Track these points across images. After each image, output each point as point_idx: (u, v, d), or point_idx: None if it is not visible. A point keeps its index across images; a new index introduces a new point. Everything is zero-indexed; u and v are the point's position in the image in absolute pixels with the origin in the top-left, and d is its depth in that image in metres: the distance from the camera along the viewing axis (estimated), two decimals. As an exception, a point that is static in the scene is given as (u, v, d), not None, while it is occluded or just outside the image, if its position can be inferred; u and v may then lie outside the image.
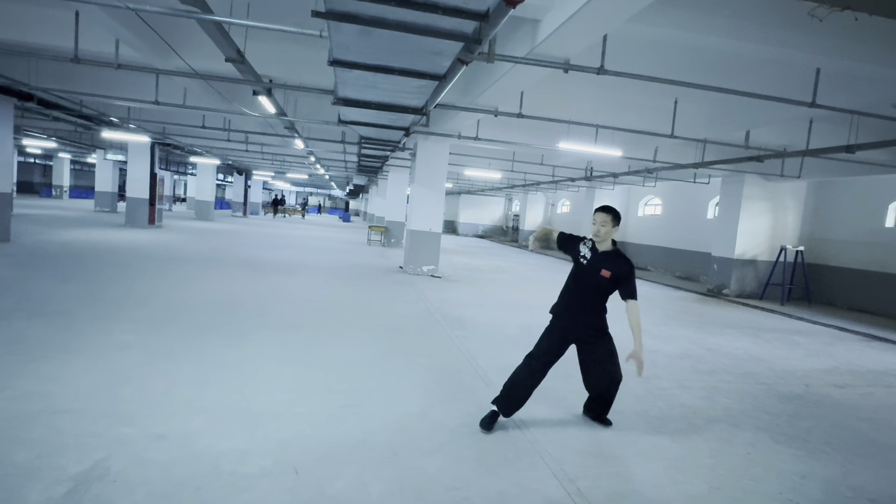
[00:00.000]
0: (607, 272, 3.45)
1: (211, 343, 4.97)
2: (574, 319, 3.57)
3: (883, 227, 11.82)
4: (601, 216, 3.51)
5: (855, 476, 3.36)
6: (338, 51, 5.17)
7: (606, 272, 3.45)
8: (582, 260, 3.55)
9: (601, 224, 3.49)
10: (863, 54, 5.44)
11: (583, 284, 3.55)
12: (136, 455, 2.78)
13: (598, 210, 3.55)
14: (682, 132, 8.73)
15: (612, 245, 3.55)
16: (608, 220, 3.48)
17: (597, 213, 3.55)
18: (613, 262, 3.48)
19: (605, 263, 3.47)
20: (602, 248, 3.54)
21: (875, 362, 6.91)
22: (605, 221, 3.48)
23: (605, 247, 3.53)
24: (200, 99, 10.39)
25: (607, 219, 3.48)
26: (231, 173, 33.61)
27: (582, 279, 3.55)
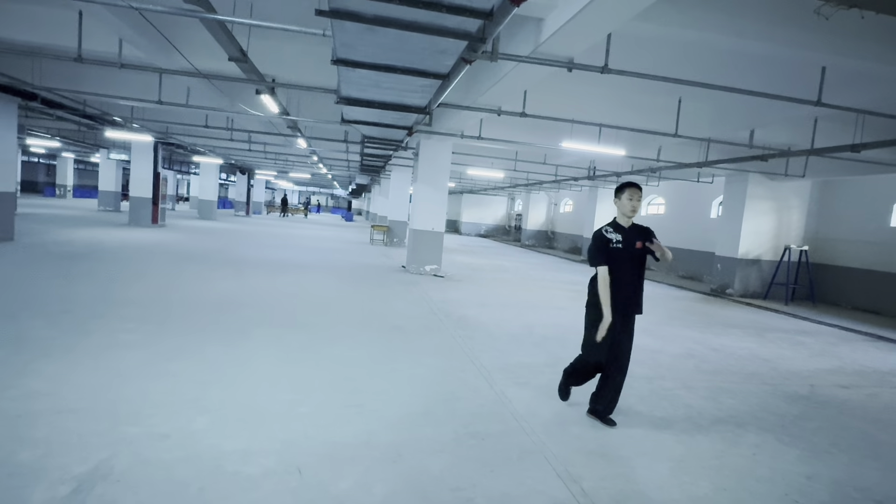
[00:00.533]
0: (640, 244, 3.61)
1: (214, 342, 4.97)
2: (627, 300, 3.63)
3: (888, 226, 11.75)
4: (637, 192, 3.64)
5: (861, 477, 3.34)
6: (341, 50, 5.15)
7: (639, 244, 3.61)
8: (617, 246, 3.60)
9: (638, 199, 3.63)
10: (869, 53, 5.40)
11: (626, 266, 3.61)
12: (139, 455, 2.77)
13: (631, 186, 3.63)
14: (686, 131, 8.69)
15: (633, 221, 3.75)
16: (641, 195, 3.66)
17: (631, 189, 3.62)
18: (640, 233, 3.67)
19: (635, 237, 3.63)
20: (627, 224, 3.68)
21: (881, 362, 6.87)
22: (640, 197, 3.64)
23: (628, 223, 3.68)
24: (203, 98, 10.40)
25: (641, 194, 3.66)
26: (234, 172, 33.67)
27: (624, 261, 3.61)
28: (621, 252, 3.58)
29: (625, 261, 3.60)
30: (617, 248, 3.58)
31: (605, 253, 3.60)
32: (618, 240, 3.60)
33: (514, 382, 4.57)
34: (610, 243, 3.60)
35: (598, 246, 3.63)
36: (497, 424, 3.63)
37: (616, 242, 3.59)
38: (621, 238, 3.60)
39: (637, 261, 3.64)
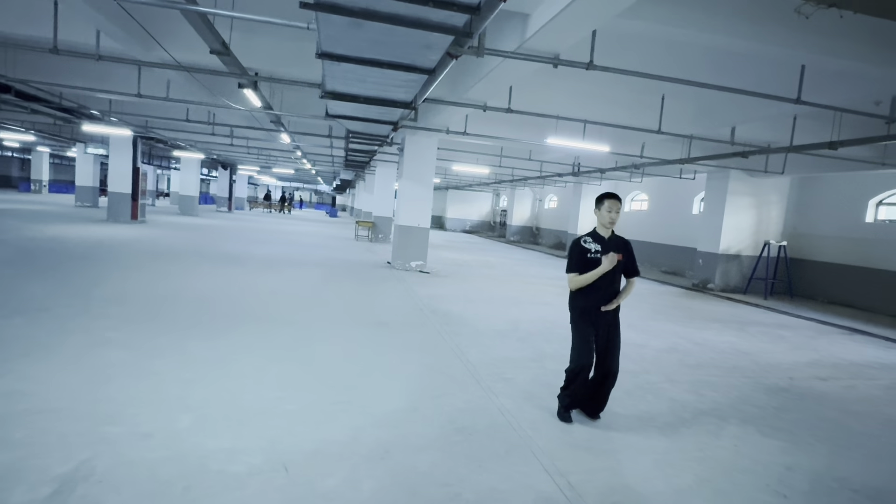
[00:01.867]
0: (619, 255, 3.61)
1: (197, 340, 4.90)
2: (596, 315, 3.64)
3: (863, 222, 12.04)
4: (616, 203, 3.65)
5: (839, 467, 3.42)
6: (326, 43, 5.10)
7: (618, 255, 3.60)
8: (595, 255, 3.61)
9: (616, 211, 3.64)
10: (847, 52, 5.51)
11: (602, 276, 3.60)
12: (122, 454, 2.73)
13: (611, 197, 3.64)
14: (669, 128, 8.79)
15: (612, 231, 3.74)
16: (620, 207, 3.66)
17: (610, 200, 3.63)
18: (621, 245, 3.68)
19: (614, 248, 3.64)
20: (606, 234, 3.68)
21: (857, 355, 7.05)
22: (619, 209, 3.65)
23: (608, 233, 3.69)
24: (184, 92, 10.22)
25: (620, 206, 3.66)
26: (216, 168, 33.21)
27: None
28: (599, 261, 3.59)
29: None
30: (595, 257, 3.60)
31: (582, 263, 3.63)
32: (596, 249, 3.62)
33: (500, 378, 4.58)
34: (587, 253, 3.62)
35: (573, 255, 3.67)
36: (484, 420, 3.65)
37: (594, 252, 3.61)
38: (600, 248, 3.62)
39: (614, 270, 3.63)
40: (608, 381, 3.73)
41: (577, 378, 3.65)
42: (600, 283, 3.61)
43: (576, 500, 2.69)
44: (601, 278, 3.59)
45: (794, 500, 2.94)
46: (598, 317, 3.64)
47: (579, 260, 3.64)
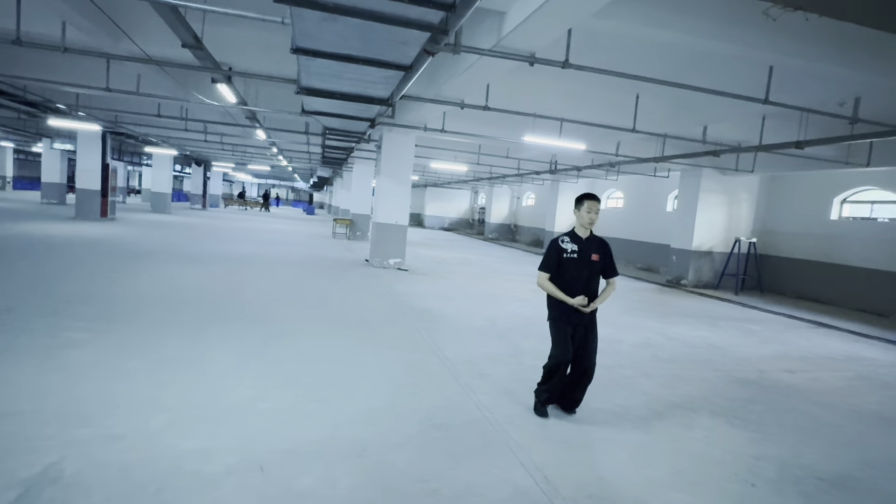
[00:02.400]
0: (596, 256, 3.67)
1: (170, 340, 4.80)
2: (573, 315, 3.67)
3: (828, 219, 12.44)
4: (595, 204, 3.68)
5: (805, 456, 3.54)
6: (301, 38, 5.04)
7: (596, 256, 3.67)
8: (573, 255, 3.65)
9: (595, 212, 3.67)
10: (813, 54, 5.68)
11: (579, 276, 3.65)
12: (92, 457, 2.66)
13: (590, 198, 3.67)
14: (644, 127, 8.93)
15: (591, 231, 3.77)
16: (599, 208, 3.70)
17: (590, 200, 3.67)
18: (598, 245, 3.72)
19: (592, 249, 3.69)
20: (585, 235, 3.71)
21: (822, 348, 7.29)
22: (598, 209, 3.69)
23: (586, 233, 3.72)
24: (155, 86, 9.97)
25: (599, 206, 3.70)
26: (189, 164, 32.51)
27: (578, 271, 3.66)
28: (575, 262, 3.64)
29: (578, 269, 3.66)
30: (571, 257, 3.64)
31: (556, 262, 3.67)
32: (573, 250, 3.66)
33: (478, 374, 4.61)
34: (564, 253, 3.66)
35: (549, 254, 3.71)
36: (462, 415, 3.67)
37: (571, 252, 3.66)
38: (577, 248, 3.66)
39: (591, 271, 3.68)
40: (585, 378, 3.78)
41: (555, 374, 3.69)
42: (577, 284, 3.64)
43: (551, 494, 2.73)
44: (578, 280, 3.64)
45: (762, 488, 3.03)
46: (576, 316, 3.68)
47: (555, 259, 3.68)
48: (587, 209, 3.66)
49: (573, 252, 3.66)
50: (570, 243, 3.70)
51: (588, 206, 3.66)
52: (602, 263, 3.71)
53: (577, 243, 3.69)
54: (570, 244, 3.69)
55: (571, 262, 3.65)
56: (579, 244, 3.68)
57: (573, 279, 3.65)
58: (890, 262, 10.88)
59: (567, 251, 3.67)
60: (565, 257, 3.66)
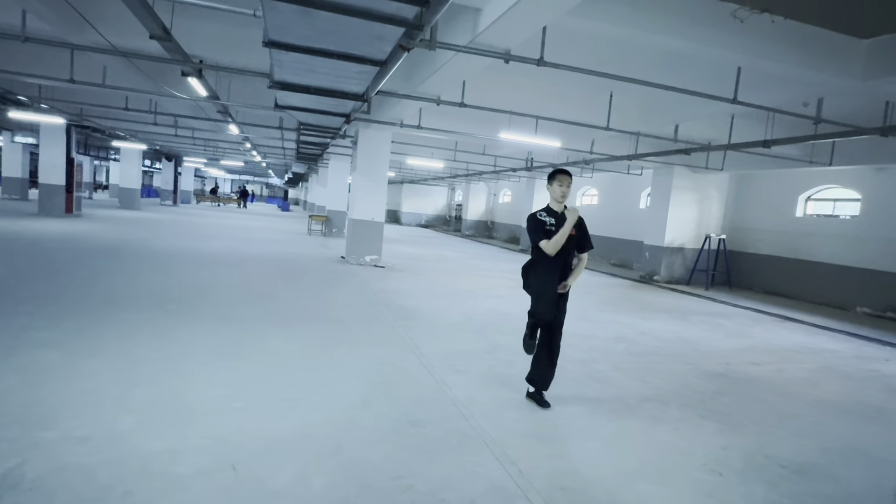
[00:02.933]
0: (574, 230, 3.75)
1: (139, 339, 4.69)
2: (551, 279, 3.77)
3: (794, 216, 12.84)
4: (566, 178, 3.77)
5: (769, 445, 3.66)
6: (273, 31, 4.95)
7: (573, 230, 3.74)
8: (551, 228, 3.74)
9: (567, 185, 3.76)
10: (778, 55, 5.84)
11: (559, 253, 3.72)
12: (55, 460, 2.58)
13: (561, 173, 3.77)
14: (617, 125, 9.05)
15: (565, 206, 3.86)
16: (571, 182, 3.78)
17: (561, 175, 3.76)
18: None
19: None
20: (559, 209, 3.80)
21: (786, 341, 7.53)
22: (570, 183, 3.77)
23: (560, 207, 3.81)
24: (123, 78, 9.67)
25: (570, 181, 3.78)
26: (159, 159, 31.70)
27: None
28: (554, 234, 3.72)
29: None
30: (550, 230, 3.73)
31: (545, 231, 3.74)
32: (551, 223, 3.76)
33: (453, 370, 4.62)
34: (545, 225, 3.75)
35: (536, 226, 3.78)
36: (437, 412, 3.68)
37: (550, 225, 3.75)
38: (554, 222, 3.76)
39: (568, 244, 3.78)
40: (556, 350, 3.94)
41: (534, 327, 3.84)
42: (556, 257, 3.72)
43: (525, 487, 2.76)
44: (559, 256, 3.72)
45: (729, 477, 3.12)
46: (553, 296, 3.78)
47: (541, 229, 3.75)
48: (559, 183, 3.75)
49: (551, 225, 3.74)
50: (547, 217, 3.79)
51: (559, 180, 3.75)
52: (577, 237, 3.81)
53: (554, 217, 3.78)
54: (548, 217, 3.78)
55: (551, 235, 3.72)
56: (556, 217, 3.77)
57: (545, 257, 3.74)
58: (851, 258, 11.30)
59: (547, 223, 3.75)
60: (547, 228, 3.74)
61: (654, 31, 5.40)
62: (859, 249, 11.16)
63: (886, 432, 4.18)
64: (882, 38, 5.83)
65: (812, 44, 5.82)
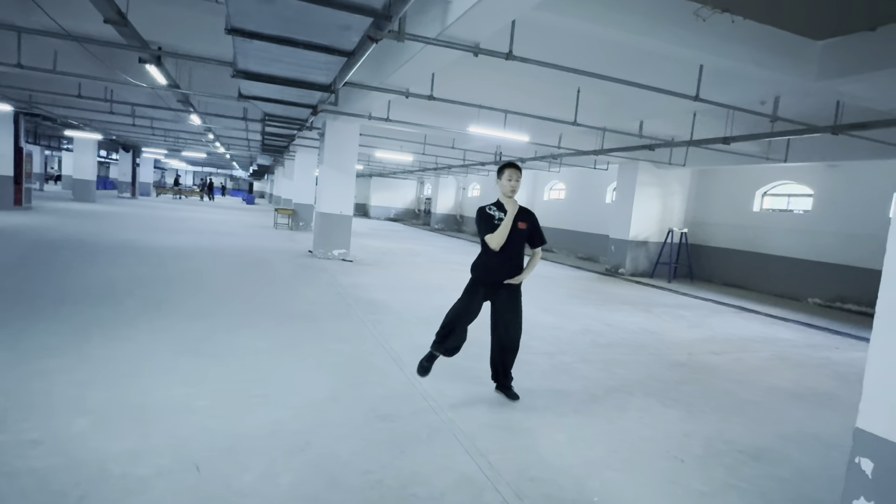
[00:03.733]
0: (523, 224, 3.73)
1: (96, 337, 4.50)
2: (499, 273, 3.73)
3: (751, 211, 13.33)
4: (516, 173, 3.73)
5: (728, 432, 3.79)
6: (237, 18, 4.81)
7: (522, 224, 3.73)
8: (500, 223, 3.69)
9: (517, 180, 3.72)
10: (738, 54, 6.01)
11: (506, 243, 3.69)
12: (4, 465, 2.45)
13: (510, 167, 3.74)
14: (584, 120, 9.18)
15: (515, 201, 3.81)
16: (520, 176, 3.75)
17: (510, 169, 3.73)
18: (525, 215, 3.78)
19: (518, 217, 3.74)
20: (510, 204, 3.74)
21: (744, 331, 7.82)
22: (518, 177, 3.74)
23: (511, 203, 3.75)
24: (76, 64, 9.25)
25: (520, 175, 3.75)
26: (116, 150, 30.49)
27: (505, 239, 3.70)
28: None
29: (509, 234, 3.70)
30: (498, 224, 3.69)
31: (492, 226, 3.70)
32: (500, 217, 3.72)
33: (423, 364, 4.61)
34: (493, 219, 3.72)
35: (483, 219, 3.75)
36: (407, 406, 3.66)
37: (498, 220, 3.71)
38: (503, 216, 3.71)
39: (517, 238, 3.74)
40: (509, 355, 3.91)
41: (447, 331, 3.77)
42: (504, 252, 3.69)
43: (495, 478, 2.79)
44: (505, 249, 3.68)
45: (690, 463, 3.22)
46: (499, 289, 3.75)
47: (489, 223, 3.71)
48: (507, 177, 3.72)
49: (500, 220, 3.70)
50: (496, 211, 3.75)
51: (508, 174, 3.72)
52: (528, 232, 3.79)
53: (503, 212, 3.74)
54: (497, 212, 3.74)
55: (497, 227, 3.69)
56: (505, 212, 3.73)
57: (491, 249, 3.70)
58: (804, 251, 11.81)
59: (495, 217, 3.71)
60: (495, 223, 3.70)
61: (620, 27, 5.48)
62: (811, 243, 11.68)
63: (836, 417, 4.39)
64: (834, 40, 6.08)
65: (769, 44, 6.02)
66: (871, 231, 10.46)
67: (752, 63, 6.10)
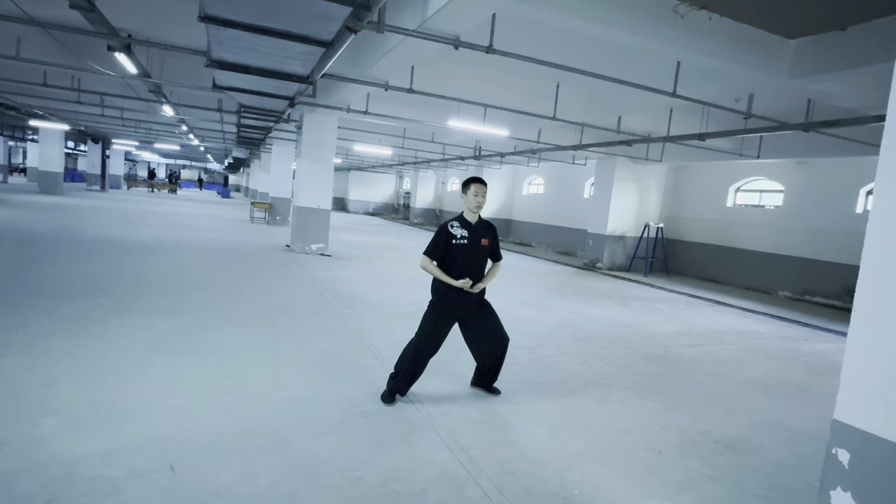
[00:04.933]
0: (485, 240, 3.63)
1: (64, 334, 4.35)
2: (462, 297, 3.60)
3: (725, 206, 13.61)
4: (482, 188, 3.60)
5: (703, 422, 3.87)
6: (210, 5, 4.67)
7: (485, 241, 3.63)
8: (462, 241, 3.55)
9: (483, 195, 3.61)
10: (714, 52, 6.09)
11: (467, 260, 3.57)
12: (-35, 469, 2.35)
13: (477, 182, 3.60)
14: (563, 115, 9.22)
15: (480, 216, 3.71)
16: (486, 191, 3.62)
17: (476, 184, 3.59)
18: (486, 230, 3.70)
19: (481, 233, 3.64)
20: (473, 219, 3.64)
21: (718, 324, 7.99)
22: (485, 192, 3.61)
23: (475, 217, 3.65)
24: (41, 51, 8.89)
25: (486, 189, 3.62)
26: (84, 141, 29.54)
27: (466, 256, 3.57)
28: (465, 247, 3.55)
29: (468, 255, 3.57)
30: (461, 243, 3.55)
31: (442, 247, 3.55)
32: (462, 235, 3.56)
33: (403, 359, 4.58)
34: (453, 239, 3.55)
35: (437, 239, 3.57)
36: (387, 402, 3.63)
37: (461, 238, 3.56)
38: (467, 234, 3.58)
39: (480, 255, 3.64)
40: (503, 352, 3.85)
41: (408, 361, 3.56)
42: (468, 269, 3.56)
43: (476, 473, 2.78)
44: (469, 264, 3.57)
45: (667, 454, 3.27)
46: (462, 300, 3.59)
47: (441, 245, 3.55)
48: (474, 192, 3.57)
49: (463, 238, 3.56)
50: (459, 229, 3.58)
51: (475, 189, 3.57)
52: (490, 247, 3.70)
53: (467, 228, 3.59)
54: (460, 230, 3.58)
55: (460, 248, 3.55)
56: (469, 229, 3.59)
57: (464, 264, 3.56)
58: (775, 245, 12.12)
59: (457, 237, 3.55)
60: (454, 243, 3.55)
61: (600, 23, 5.49)
62: (782, 237, 11.98)
63: (806, 407, 4.51)
64: (807, 39, 6.20)
65: (744, 42, 6.11)
66: (837, 226, 10.78)
67: (727, 60, 6.18)
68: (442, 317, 3.63)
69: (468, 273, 3.57)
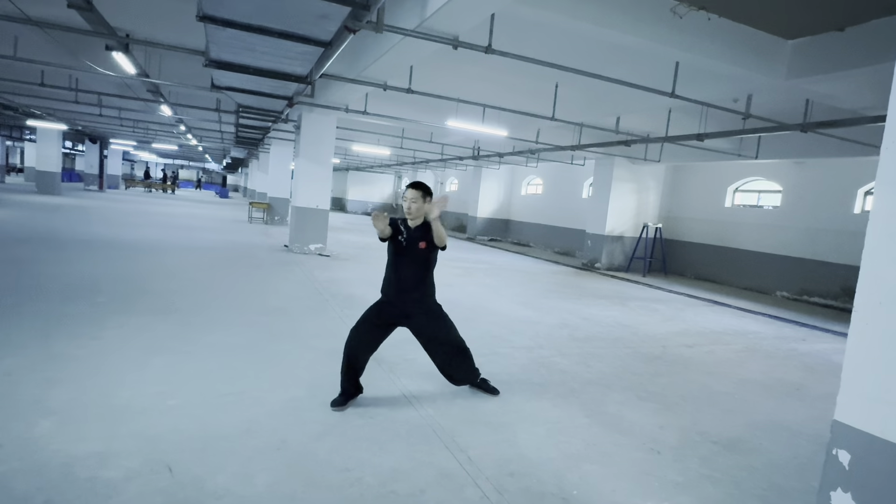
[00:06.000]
0: (423, 243, 3.54)
1: (62, 334, 4.34)
2: (400, 297, 3.60)
3: (723, 206, 13.62)
4: (411, 193, 3.52)
5: (702, 423, 3.87)
6: (209, 5, 4.66)
7: (423, 243, 3.54)
8: (401, 241, 3.55)
9: (412, 201, 3.51)
10: (713, 52, 6.09)
11: (405, 262, 3.57)
12: (-39, 470, 2.34)
13: (409, 187, 3.56)
14: (562, 115, 9.22)
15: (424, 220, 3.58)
16: (418, 197, 3.51)
17: (407, 189, 3.56)
18: (427, 233, 3.55)
19: (419, 237, 3.55)
20: (416, 224, 3.59)
21: (716, 324, 7.99)
22: (415, 198, 3.51)
23: (418, 223, 3.59)
24: (38, 50, 8.87)
25: (417, 195, 3.51)
26: (82, 141, 29.48)
27: (404, 257, 3.57)
28: (405, 248, 3.56)
29: (406, 256, 3.57)
30: (401, 243, 3.56)
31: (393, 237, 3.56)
32: (403, 236, 3.57)
33: (402, 359, 4.59)
34: (400, 234, 3.56)
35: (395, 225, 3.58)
36: (386, 402, 3.63)
37: (402, 238, 3.56)
38: (406, 236, 3.56)
39: (419, 259, 3.59)
40: (455, 358, 3.81)
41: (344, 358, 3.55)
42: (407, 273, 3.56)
43: (475, 473, 2.78)
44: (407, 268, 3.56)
45: (666, 455, 3.27)
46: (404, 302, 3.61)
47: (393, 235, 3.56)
48: (404, 198, 3.56)
49: (402, 238, 3.56)
50: (404, 227, 3.59)
51: (404, 195, 3.55)
52: (428, 252, 3.59)
53: (407, 230, 3.59)
54: (405, 228, 3.59)
55: (400, 248, 3.56)
56: (408, 232, 3.57)
57: (403, 264, 3.58)
58: (773, 246, 12.13)
59: (403, 232, 3.56)
60: (399, 239, 3.55)
61: (599, 23, 5.49)
62: (780, 238, 12.00)
63: (804, 407, 4.51)
64: (804, 40, 6.21)
65: (743, 42, 6.12)
66: (835, 226, 10.80)
67: (726, 61, 6.19)
68: (379, 309, 3.63)
69: (397, 276, 3.58)
